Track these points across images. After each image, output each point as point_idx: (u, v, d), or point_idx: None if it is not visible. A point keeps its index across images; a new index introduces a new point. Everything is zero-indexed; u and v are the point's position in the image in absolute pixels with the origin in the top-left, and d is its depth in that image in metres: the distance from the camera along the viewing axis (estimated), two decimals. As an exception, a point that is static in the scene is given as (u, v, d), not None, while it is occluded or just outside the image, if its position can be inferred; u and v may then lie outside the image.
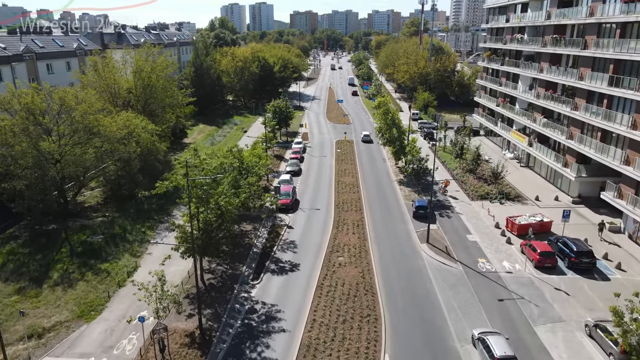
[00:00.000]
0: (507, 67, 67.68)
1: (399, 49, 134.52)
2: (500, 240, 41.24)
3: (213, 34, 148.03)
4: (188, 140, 79.60)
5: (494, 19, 74.63)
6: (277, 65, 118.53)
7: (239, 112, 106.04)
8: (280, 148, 74.27)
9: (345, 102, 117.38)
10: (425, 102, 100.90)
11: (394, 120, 58.77)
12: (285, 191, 49.59)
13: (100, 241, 39.88)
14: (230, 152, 43.23)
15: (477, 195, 51.80)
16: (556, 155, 52.49)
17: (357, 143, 77.69)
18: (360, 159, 68.09)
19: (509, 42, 67.48)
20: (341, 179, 59.00)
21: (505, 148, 70.42)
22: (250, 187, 39.91)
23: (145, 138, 48.16)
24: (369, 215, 47.42)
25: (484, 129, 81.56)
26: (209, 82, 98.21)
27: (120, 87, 56.82)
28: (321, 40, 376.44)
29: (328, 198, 52.34)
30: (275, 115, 77.07)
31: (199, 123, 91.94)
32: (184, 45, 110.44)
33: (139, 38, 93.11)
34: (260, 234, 43.12)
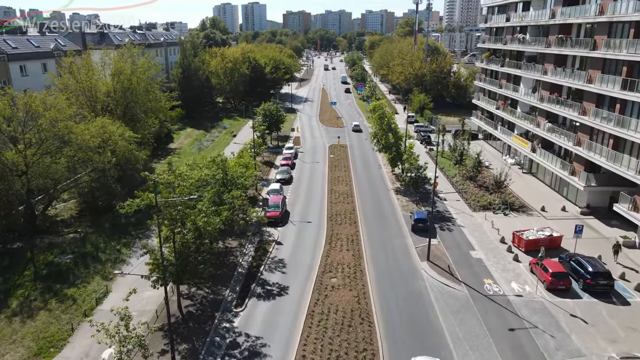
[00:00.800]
0: (507, 68, 64.61)
1: (393, 50, 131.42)
2: (506, 257, 38.03)
3: (203, 34, 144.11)
4: (174, 146, 75.92)
5: (493, 18, 71.60)
6: (269, 66, 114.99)
7: (228, 114, 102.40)
8: (271, 154, 70.79)
9: (338, 104, 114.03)
10: (421, 104, 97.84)
11: (390, 125, 55.47)
12: (274, 203, 46.14)
13: (68, 262, 36.21)
14: (213, 162, 39.67)
15: (479, 205, 48.62)
16: (562, 162, 49.42)
17: (351, 147, 74.41)
18: (354, 166, 64.75)
19: (510, 43, 64.43)
20: (334, 187, 55.63)
21: (506, 153, 67.36)
22: (235, 201, 36.44)
23: (123, 146, 44.54)
24: (364, 228, 44.07)
25: (483, 132, 78.54)
26: (197, 84, 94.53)
27: (98, 90, 53.01)
28: (314, 40, 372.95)
29: (320, 209, 48.93)
30: (266, 119, 73.59)
31: (186, 127, 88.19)
32: (171, 46, 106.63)
33: (123, 38, 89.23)
34: (246, 251, 39.62)
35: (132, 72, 54.63)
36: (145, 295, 31.39)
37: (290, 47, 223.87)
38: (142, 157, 47.08)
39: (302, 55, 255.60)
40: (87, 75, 52.26)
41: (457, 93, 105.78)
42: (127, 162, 45.58)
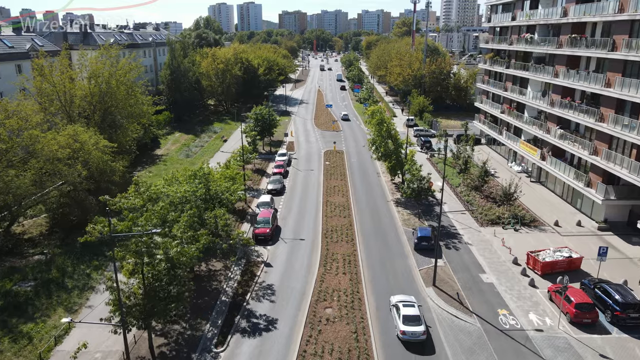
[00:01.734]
0: (513, 70, 60.82)
1: (391, 50, 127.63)
2: (521, 282, 34.15)
3: (195, 33, 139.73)
4: (161, 152, 71.71)
5: (497, 17, 67.80)
6: (262, 67, 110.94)
7: (220, 118, 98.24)
8: (263, 160, 66.75)
9: (335, 107, 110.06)
10: (420, 107, 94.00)
11: (389, 131, 51.54)
12: (264, 218, 42.11)
13: (29, 290, 32.06)
14: (194, 177, 35.57)
15: (487, 219, 44.76)
16: (577, 172, 45.63)
17: (348, 153, 70.50)
18: (351, 174, 60.80)
19: (516, 43, 60.64)
20: (330, 198, 51.65)
21: (512, 160, 63.59)
22: (218, 221, 32.41)
23: (96, 157, 40.37)
24: (362, 247, 40.10)
25: (486, 137, 74.79)
26: (187, 86, 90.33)
27: (74, 94, 48.79)
28: (310, 40, 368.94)
29: (314, 224, 44.94)
30: (258, 124, 69.57)
31: (174, 131, 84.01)
32: (160, 46, 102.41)
33: (108, 38, 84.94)
34: (232, 274, 35.54)
35: (110, 74, 50.42)
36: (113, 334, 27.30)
37: (286, 47, 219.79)
38: (119, 168, 42.87)
39: (297, 56, 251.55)
40: (61, 78, 48.01)
41: (457, 95, 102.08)
42: (102, 174, 41.44)
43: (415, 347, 27.09)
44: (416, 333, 26.90)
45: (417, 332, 26.90)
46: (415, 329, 26.92)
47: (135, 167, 62.00)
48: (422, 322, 27.47)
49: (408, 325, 27.15)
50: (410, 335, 26.99)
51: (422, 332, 27.01)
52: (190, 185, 34.14)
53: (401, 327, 27.23)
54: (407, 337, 27.05)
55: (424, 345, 27.15)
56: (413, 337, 26.99)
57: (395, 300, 29.83)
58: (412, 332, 26.94)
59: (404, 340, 27.28)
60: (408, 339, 27.12)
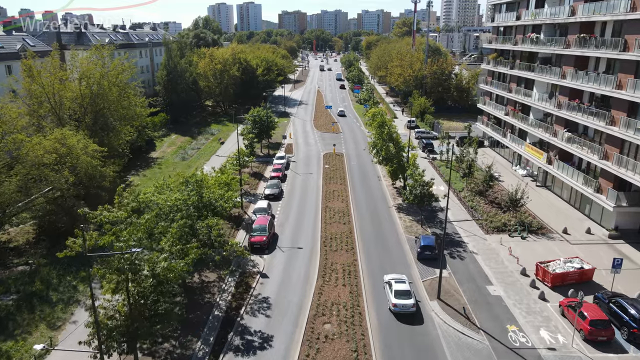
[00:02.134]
0: (518, 71, 59.10)
1: (391, 50, 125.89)
2: (530, 294, 32.42)
3: (192, 33, 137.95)
4: (156, 154, 69.99)
5: (501, 16, 66.08)
6: (261, 67, 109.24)
7: (217, 119, 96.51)
8: (260, 163, 65.00)
9: (334, 107, 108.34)
10: (421, 108, 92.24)
11: (391, 134, 49.81)
12: (260, 225, 40.38)
13: (10, 304, 30.35)
14: (186, 184, 33.82)
15: (493, 226, 43.02)
16: (585, 177, 43.91)
17: (348, 156, 68.78)
18: (351, 177, 59.07)
19: (521, 43, 58.92)
20: (329, 204, 49.92)
21: (516, 163, 61.86)
22: (210, 231, 30.69)
23: (85, 162, 38.63)
24: (362, 256, 38.37)
25: (489, 139, 73.07)
26: (184, 87, 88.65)
27: (62, 96, 47.03)
28: (310, 40, 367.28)
29: (313, 231, 43.20)
30: (255, 126, 67.85)
31: (171, 133, 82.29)
32: (157, 46, 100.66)
33: (103, 38, 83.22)
34: (226, 286, 33.81)
35: (102, 75, 48.67)
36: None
37: (285, 47, 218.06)
38: (110, 173, 41.12)
39: (297, 56, 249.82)
40: (51, 79, 46.27)
41: (459, 96, 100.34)
42: (91, 180, 39.70)
43: (405, 318, 29.66)
44: (407, 305, 29.62)
45: (407, 305, 29.62)
46: (406, 302, 29.66)
47: (129, 171, 60.31)
48: (412, 296, 30.09)
49: (399, 299, 29.84)
50: (401, 307, 29.67)
51: (412, 304, 29.67)
52: (182, 192, 32.40)
53: (393, 301, 29.90)
54: (398, 309, 29.69)
55: (414, 317, 29.62)
56: (404, 309, 29.67)
57: (387, 278, 32.72)
58: (403, 305, 29.69)
59: (395, 312, 29.87)
60: (399, 311, 29.74)
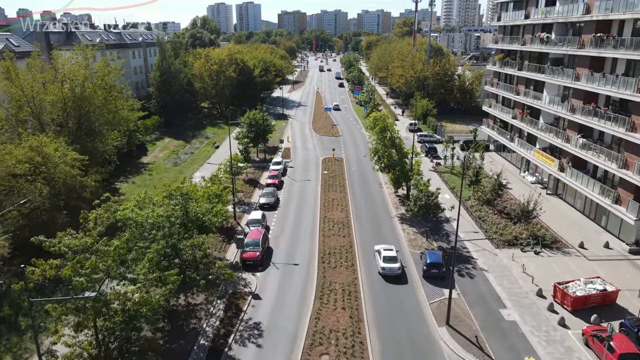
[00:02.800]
0: (527, 72, 56.18)
1: (392, 51, 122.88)
2: (549, 320, 29.47)
3: (189, 33, 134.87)
4: (147, 160, 66.97)
5: (508, 15, 63.14)
6: (258, 68, 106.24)
7: (213, 122, 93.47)
8: (256, 169, 62.04)
9: (332, 105, 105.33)
10: (423, 111, 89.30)
11: (393, 140, 46.88)
12: (253, 240, 37.44)
13: (-27, 333, 27.41)
14: (170, 198, 30.85)
15: (503, 240, 40.06)
16: (602, 187, 40.96)
17: (348, 161, 65.85)
18: (351, 184, 56.11)
19: (530, 43, 55.98)
20: (328, 213, 46.97)
21: (524, 169, 58.93)
22: (195, 252, 27.74)
23: (63, 171, 35.68)
24: (363, 274, 35.40)
25: (494, 142, 70.14)
26: (178, 89, 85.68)
27: (43, 100, 44.10)
28: (310, 40, 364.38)
29: (310, 245, 40.25)
30: (251, 129, 64.86)
31: (164, 137, 79.31)
32: (151, 47, 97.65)
33: (94, 38, 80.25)
34: (214, 309, 30.85)
35: (86, 77, 45.70)
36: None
37: (284, 47, 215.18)
38: (91, 183, 38.13)
39: (296, 56, 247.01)
40: (30, 81, 43.34)
41: (462, 98, 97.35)
42: (70, 191, 36.76)
43: (392, 279, 34.42)
44: (393, 268, 34.47)
45: (393, 268, 34.48)
46: (392, 266, 34.55)
47: (117, 177, 57.37)
48: (397, 261, 34.99)
49: (387, 263, 34.64)
50: (388, 270, 34.45)
51: (398, 267, 34.53)
52: (166, 207, 29.44)
53: (381, 264, 34.74)
54: (385, 272, 34.47)
55: (399, 278, 34.49)
56: (390, 272, 34.43)
57: (377, 247, 37.50)
58: (390, 268, 34.43)
59: (383, 274, 34.61)
60: (386, 273, 34.49)
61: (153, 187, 38.30)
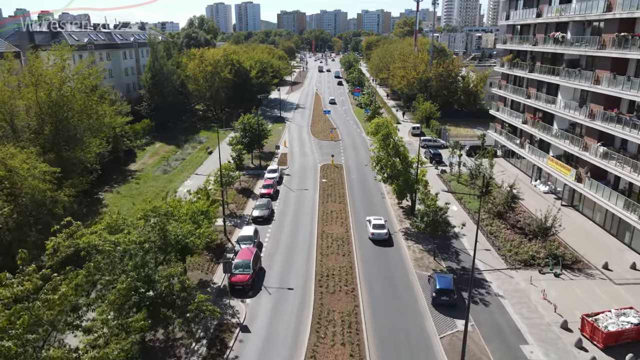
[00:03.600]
0: (539, 74, 52.60)
1: (393, 51, 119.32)
2: (578, 359, 25.81)
3: (184, 33, 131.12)
4: (136, 166, 63.30)
5: (517, 13, 59.53)
6: (255, 69, 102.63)
7: (207, 125, 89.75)
8: (250, 177, 58.41)
9: (332, 112, 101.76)
10: (426, 113, 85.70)
11: (397, 148, 43.25)
12: (243, 261, 33.79)
13: None
14: (146, 219, 27.17)
15: (519, 259, 36.43)
16: (627, 201, 37.34)
17: (348, 168, 62.21)
18: (352, 194, 52.48)
19: (542, 43, 52.39)
20: (326, 228, 43.34)
21: (536, 178, 55.33)
22: (172, 283, 24.09)
23: (31, 186, 32.05)
24: (365, 301, 31.74)
25: (502, 148, 66.54)
26: (170, 91, 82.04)
27: (14, 105, 40.45)
28: (309, 40, 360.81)
29: (307, 265, 36.61)
30: (246, 135, 61.26)
31: (155, 141, 75.64)
32: (143, 47, 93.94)
33: (82, 38, 76.58)
34: (196, 345, 27.19)
35: (63, 81, 42.04)
36: None
37: (283, 47, 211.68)
38: (63, 198, 34.45)
39: (295, 57, 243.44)
40: (0, 85, 39.71)
41: (466, 100, 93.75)
42: (40, 207, 33.12)
43: (380, 243, 40.09)
44: (381, 234, 40.21)
45: (381, 234, 40.21)
46: (380, 232, 40.31)
47: (102, 186, 53.78)
48: (385, 228, 40.77)
49: (376, 230, 40.42)
50: (377, 235, 40.19)
51: (385, 233, 40.27)
52: (140, 231, 25.77)
53: (371, 231, 40.54)
54: (374, 237, 40.25)
55: (386, 242, 40.09)
56: (379, 237, 40.13)
57: (368, 217, 43.11)
58: (378, 234, 40.21)
59: (372, 239, 40.38)
60: (375, 238, 40.20)
61: (132, 203, 34.53)
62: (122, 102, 72.92)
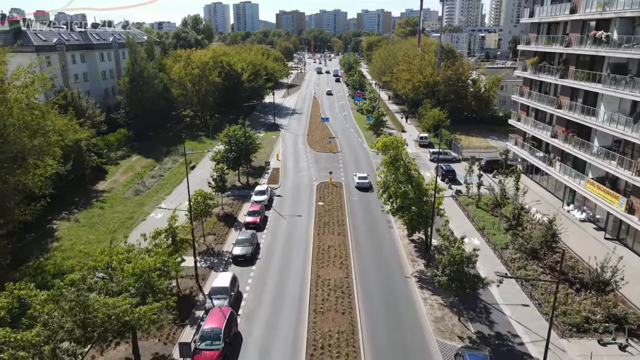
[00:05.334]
0: (574, 81, 44.62)
1: (397, 52, 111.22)
2: None
3: (172, 33, 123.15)
4: (105, 185, 55.06)
5: (545, 9, 51.50)
6: (247, 72, 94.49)
7: (194, 134, 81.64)
8: (236, 199, 50.38)
9: (331, 113, 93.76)
10: (435, 121, 77.69)
11: (409, 173, 35.17)
12: (212, 330, 25.70)
13: None
14: (56, 301, 18.97)
15: (568, 322, 28.35)
16: None
17: (348, 187, 54.23)
18: (353, 223, 44.43)
19: (578, 44, 44.37)
20: (322, 271, 35.28)
21: (569, 201, 47.31)
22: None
23: None
24: (373, 391, 23.72)
25: (521, 162, 58.53)
26: (152, 96, 73.85)
27: None
28: (308, 41, 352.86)
29: (296, 330, 28.49)
30: (231, 149, 53.24)
31: (132, 153, 67.50)
32: (124, 48, 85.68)
33: (50, 38, 68.42)
34: None
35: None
36: None
37: (280, 48, 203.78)
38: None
39: (292, 58, 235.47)
40: None
41: (477, 106, 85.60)
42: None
43: (363, 189, 52.82)
44: (364, 183, 53.04)
45: (365, 183, 53.05)
46: (364, 181, 53.20)
47: (58, 212, 45.74)
48: (368, 179, 53.40)
49: (360, 180, 53.40)
50: (360, 184, 53.09)
51: (367, 182, 53.03)
52: (48, 319, 17.64)
53: (357, 181, 53.49)
54: (358, 185, 53.24)
55: (368, 189, 52.63)
56: (362, 185, 53.03)
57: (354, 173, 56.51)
58: (362, 183, 53.04)
59: (357, 186, 53.23)
60: (359, 185, 53.05)
61: (63, 259, 26.31)
62: (94, 109, 65.35)
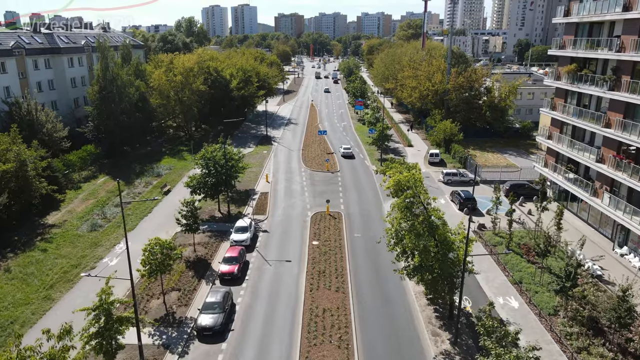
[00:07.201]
0: (630, 94, 35.78)
1: (401, 57, 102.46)
2: None
3: (159, 36, 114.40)
4: (56, 217, 45.78)
5: (585, 7, 42.69)
6: (236, 79, 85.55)
7: (175, 149, 72.55)
8: (212, 236, 41.41)
9: (330, 130, 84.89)
10: (446, 135, 68.87)
11: (431, 224, 26.18)
12: None
13: None
14: None
15: None
16: None
17: (349, 219, 45.28)
18: (355, 272, 35.44)
19: (635, 49, 35.52)
20: (315, 351, 26.26)
21: (621, 242, 38.37)
22: None
23: None
24: None
25: (552, 186, 49.64)
26: (126, 107, 64.91)
27: None
28: (307, 44, 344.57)
29: None
30: (210, 173, 44.33)
31: (100, 174, 58.45)
32: (96, 52, 76.76)
33: (7, 41, 59.49)
34: None
35: None
36: None
37: (278, 52, 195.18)
38: None
39: (290, 62, 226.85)
40: None
41: (492, 117, 76.67)
42: None
43: (348, 157, 65.69)
44: (348, 152, 66.76)
45: (349, 152, 66.75)
46: (348, 151, 66.92)
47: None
48: (351, 149, 67.64)
49: (344, 150, 67.15)
50: (345, 153, 66.71)
51: (350, 152, 67.01)
52: None
53: (341, 151, 67.29)
54: (343, 152, 66.91)
55: (351, 156, 66.23)
56: (346, 153, 66.71)
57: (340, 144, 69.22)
58: (347, 152, 66.80)
59: (342, 155, 66.70)
60: (344, 153, 66.70)
61: None
62: (55, 122, 56.49)
